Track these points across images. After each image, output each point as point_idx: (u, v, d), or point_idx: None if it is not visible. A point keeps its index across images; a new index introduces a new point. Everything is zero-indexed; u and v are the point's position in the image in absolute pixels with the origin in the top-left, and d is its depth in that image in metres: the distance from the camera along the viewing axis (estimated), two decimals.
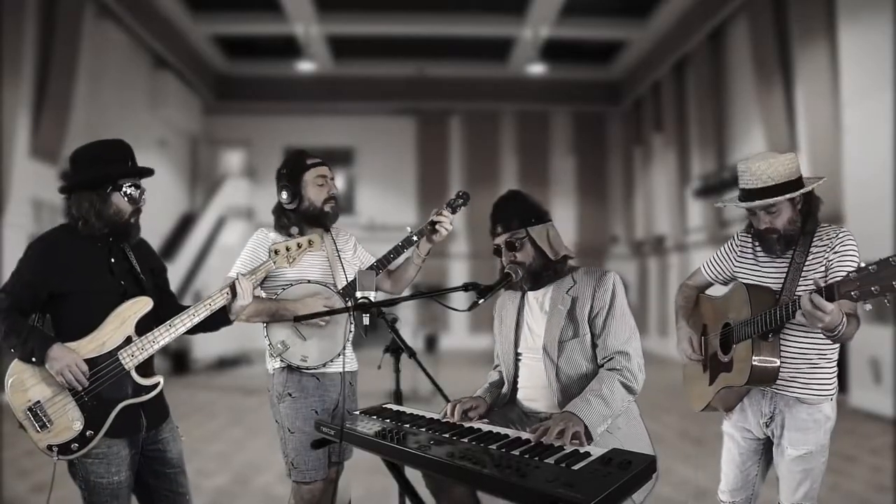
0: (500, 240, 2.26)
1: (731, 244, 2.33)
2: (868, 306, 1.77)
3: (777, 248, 2.13)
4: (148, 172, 2.23)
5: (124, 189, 2.15)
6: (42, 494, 3.92)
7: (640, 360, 2.15)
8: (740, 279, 2.26)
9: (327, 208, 2.61)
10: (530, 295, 2.31)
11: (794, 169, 2.08)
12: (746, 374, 2.06)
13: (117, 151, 2.20)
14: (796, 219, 2.11)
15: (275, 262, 2.28)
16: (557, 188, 16.06)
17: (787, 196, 2.06)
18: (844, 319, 1.89)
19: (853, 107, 7.62)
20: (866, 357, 7.09)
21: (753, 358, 2.05)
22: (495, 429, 1.98)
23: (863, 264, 1.78)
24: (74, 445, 2.04)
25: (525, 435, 1.89)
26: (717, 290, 2.45)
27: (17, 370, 2.05)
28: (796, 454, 2.12)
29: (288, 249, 2.28)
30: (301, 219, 2.62)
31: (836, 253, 2.06)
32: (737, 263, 2.29)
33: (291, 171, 2.62)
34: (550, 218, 2.30)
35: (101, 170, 2.15)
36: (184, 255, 12.97)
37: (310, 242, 2.31)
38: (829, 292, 1.81)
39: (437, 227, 2.66)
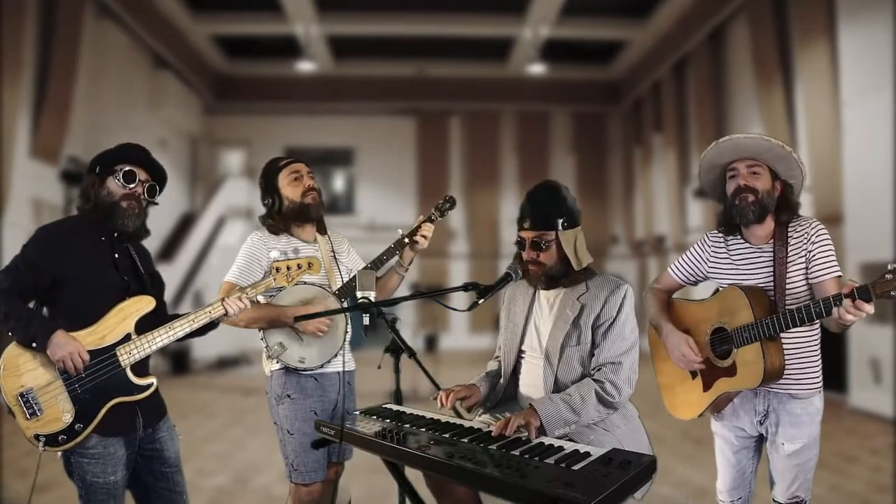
0: (527, 235, 2.19)
1: (702, 245, 2.33)
2: None
3: (751, 211, 2.13)
4: (142, 157, 2.26)
5: (117, 173, 2.20)
6: (43, 494, 3.92)
7: (633, 374, 2.12)
8: (714, 279, 2.27)
9: (308, 200, 2.59)
10: (542, 294, 2.28)
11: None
12: (759, 376, 2.06)
13: (123, 147, 2.28)
14: (772, 193, 2.14)
15: (275, 280, 2.30)
16: None
17: (773, 156, 2.10)
18: None
19: (853, 107, 7.61)
20: (866, 357, 7.08)
21: (766, 360, 2.05)
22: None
23: (892, 266, 1.81)
24: (62, 437, 2.03)
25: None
26: (685, 293, 2.45)
27: (13, 354, 2.03)
28: (792, 449, 2.13)
29: (288, 269, 2.30)
30: (287, 219, 2.61)
31: (814, 244, 2.10)
32: (710, 263, 2.29)
33: (266, 178, 2.65)
34: (580, 221, 2.23)
35: (102, 157, 2.24)
36: (184, 254, 12.94)
37: (309, 265, 2.33)
38: (866, 294, 1.82)
39: (417, 238, 2.65)
